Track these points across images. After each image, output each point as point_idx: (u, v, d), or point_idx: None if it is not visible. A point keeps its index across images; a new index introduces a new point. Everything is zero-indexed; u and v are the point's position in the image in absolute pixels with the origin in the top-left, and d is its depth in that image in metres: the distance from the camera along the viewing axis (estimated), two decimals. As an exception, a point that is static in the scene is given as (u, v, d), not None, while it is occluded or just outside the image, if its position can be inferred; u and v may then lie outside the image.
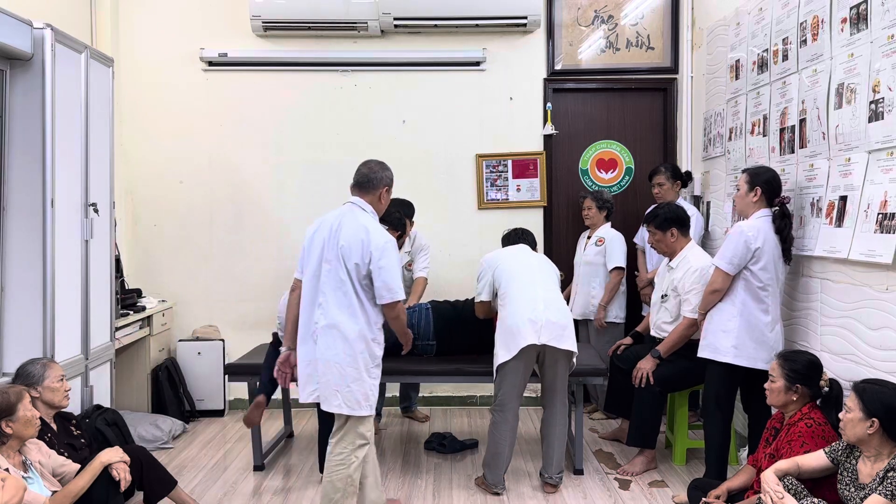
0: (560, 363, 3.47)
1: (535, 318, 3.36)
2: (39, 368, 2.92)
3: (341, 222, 2.92)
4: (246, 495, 3.60)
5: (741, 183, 3.35)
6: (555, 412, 3.53)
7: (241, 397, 4.99)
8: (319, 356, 2.87)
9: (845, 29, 3.01)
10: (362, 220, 2.92)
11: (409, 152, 5.10)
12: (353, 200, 3.01)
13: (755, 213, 3.28)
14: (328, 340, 2.86)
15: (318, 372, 2.88)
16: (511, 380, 3.44)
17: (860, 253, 2.81)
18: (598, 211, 4.69)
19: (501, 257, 3.64)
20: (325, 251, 2.91)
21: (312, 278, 2.93)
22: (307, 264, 2.98)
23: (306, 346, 2.94)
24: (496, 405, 3.49)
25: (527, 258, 3.66)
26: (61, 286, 3.36)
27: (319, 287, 2.90)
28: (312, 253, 2.96)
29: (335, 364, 2.85)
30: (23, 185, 3.24)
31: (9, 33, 3.03)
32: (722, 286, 3.30)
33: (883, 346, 2.73)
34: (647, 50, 5.11)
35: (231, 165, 5.10)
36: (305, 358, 2.94)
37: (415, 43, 5.06)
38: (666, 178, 4.48)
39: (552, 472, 3.54)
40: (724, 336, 3.27)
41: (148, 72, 5.04)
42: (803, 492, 2.41)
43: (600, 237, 4.65)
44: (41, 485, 2.56)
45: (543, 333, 3.35)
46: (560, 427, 3.53)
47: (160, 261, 5.11)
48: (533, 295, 3.44)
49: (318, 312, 2.89)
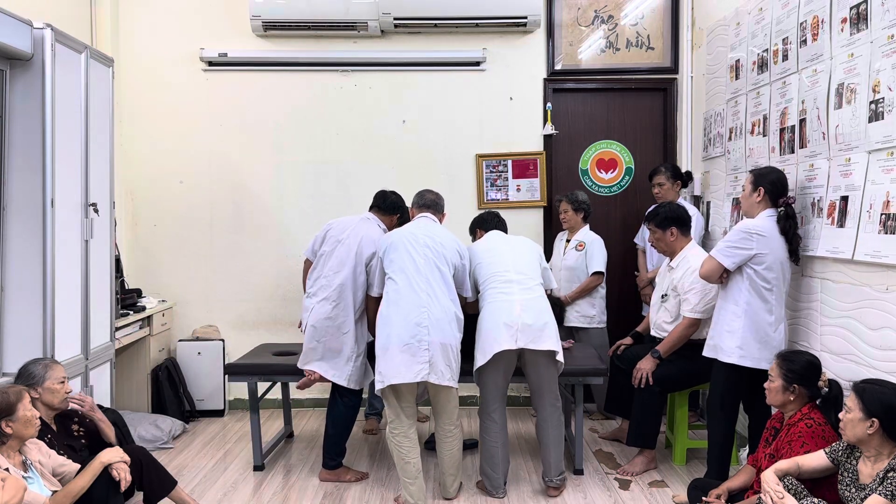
0: (542, 365, 3.42)
1: (511, 322, 3.32)
2: (41, 369, 2.91)
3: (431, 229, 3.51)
4: (246, 495, 3.60)
5: (746, 183, 3.35)
6: (546, 415, 3.50)
7: (241, 397, 4.99)
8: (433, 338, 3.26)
9: (845, 29, 3.01)
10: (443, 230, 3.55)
11: (409, 152, 5.10)
12: (427, 215, 3.62)
13: (760, 213, 3.28)
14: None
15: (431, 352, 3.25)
16: (491, 383, 3.44)
17: (865, 254, 2.80)
18: (575, 213, 4.65)
19: (477, 254, 3.58)
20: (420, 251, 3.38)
21: (416, 274, 3.34)
22: (402, 266, 3.36)
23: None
24: (481, 409, 3.50)
25: (502, 252, 3.55)
26: (61, 286, 3.36)
27: (425, 280, 3.33)
28: (405, 254, 3.39)
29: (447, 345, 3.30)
30: (23, 185, 3.24)
31: (9, 33, 3.04)
32: (708, 272, 3.27)
33: (883, 346, 2.73)
34: (647, 50, 5.11)
35: (231, 165, 5.10)
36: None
37: (415, 43, 5.06)
38: (666, 178, 4.48)
39: (552, 475, 3.52)
40: (728, 336, 3.26)
41: (148, 72, 5.05)
42: (803, 492, 2.41)
43: (580, 241, 4.61)
44: (41, 484, 2.56)
45: (521, 337, 3.31)
46: (554, 429, 3.50)
47: (160, 261, 5.11)
48: (509, 297, 3.39)
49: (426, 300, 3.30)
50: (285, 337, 4.86)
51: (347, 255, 3.65)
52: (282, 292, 5.12)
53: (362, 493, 3.61)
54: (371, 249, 3.61)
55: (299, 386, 3.75)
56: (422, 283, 3.31)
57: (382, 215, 3.85)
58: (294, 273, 5.05)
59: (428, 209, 3.64)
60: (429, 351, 3.23)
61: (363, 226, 3.75)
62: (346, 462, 3.84)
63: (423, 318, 3.25)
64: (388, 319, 3.31)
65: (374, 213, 3.86)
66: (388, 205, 3.88)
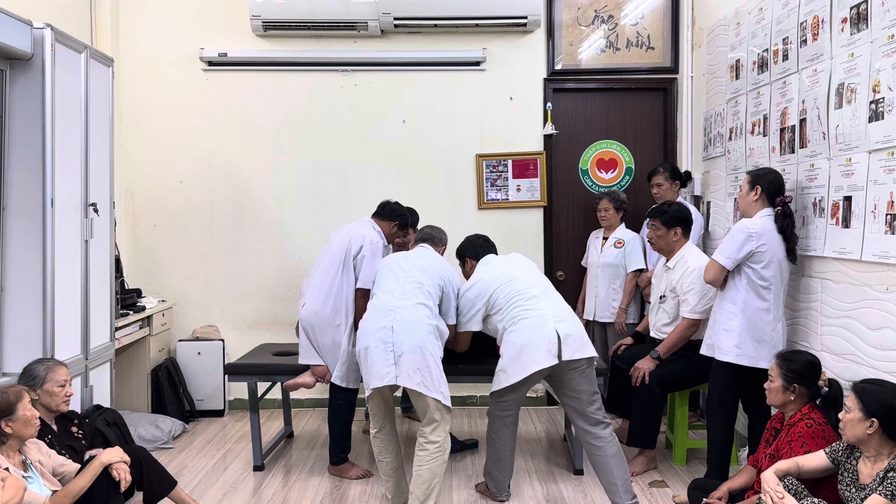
0: (587, 373, 3.26)
1: (549, 337, 3.18)
2: (43, 370, 2.89)
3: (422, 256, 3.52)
4: (246, 495, 3.60)
5: (743, 183, 3.36)
6: (599, 432, 3.25)
7: (241, 397, 4.99)
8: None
9: (845, 29, 3.01)
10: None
11: (409, 152, 5.10)
12: (424, 246, 3.64)
13: (758, 213, 3.28)
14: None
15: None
16: (515, 398, 3.37)
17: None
18: (616, 212, 4.66)
19: (488, 282, 3.38)
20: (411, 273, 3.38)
21: (394, 286, 3.35)
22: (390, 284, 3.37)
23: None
24: (498, 411, 3.40)
25: (511, 273, 3.41)
26: (61, 286, 3.36)
27: (401, 290, 3.32)
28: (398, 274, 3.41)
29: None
30: (23, 185, 3.24)
31: (9, 33, 3.03)
32: (714, 278, 3.28)
33: (883, 346, 2.72)
34: (647, 50, 5.11)
35: (231, 165, 5.10)
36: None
37: (415, 43, 5.06)
38: (665, 178, 4.48)
39: (625, 499, 3.22)
40: (726, 335, 3.27)
41: (148, 72, 5.05)
42: (803, 492, 2.41)
43: (619, 239, 4.62)
44: (41, 484, 2.56)
45: (566, 350, 3.17)
46: (615, 445, 3.25)
47: (160, 261, 5.11)
48: (539, 312, 3.26)
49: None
50: (285, 337, 4.85)
51: (338, 251, 3.75)
52: (282, 292, 5.11)
53: (362, 493, 3.61)
54: (359, 244, 3.70)
55: (287, 386, 3.81)
56: (396, 293, 3.29)
57: (381, 220, 3.92)
58: (294, 273, 5.06)
59: (425, 241, 3.67)
60: (394, 353, 3.13)
61: (357, 225, 3.86)
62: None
63: (389, 321, 3.19)
64: (362, 326, 3.31)
65: (374, 219, 3.93)
66: (387, 211, 3.93)
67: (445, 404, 3.16)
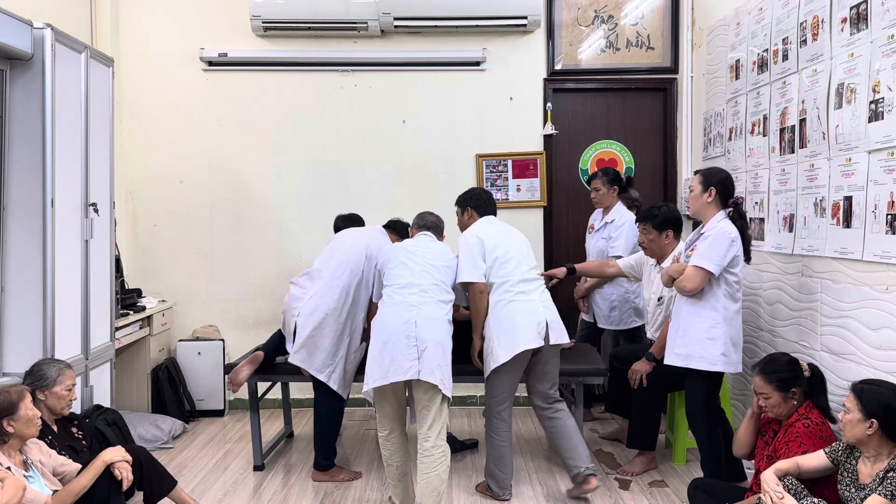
0: (554, 358, 3.47)
1: (539, 321, 3.35)
2: (54, 372, 2.89)
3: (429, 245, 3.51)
4: (246, 495, 3.60)
5: (695, 184, 3.27)
6: (560, 407, 3.46)
7: (241, 397, 4.99)
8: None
9: (845, 29, 3.01)
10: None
11: (409, 152, 5.11)
12: (427, 234, 3.60)
13: (715, 216, 3.21)
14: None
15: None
16: (506, 382, 3.40)
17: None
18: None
19: (482, 242, 3.44)
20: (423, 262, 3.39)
21: (411, 281, 3.33)
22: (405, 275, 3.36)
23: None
24: (489, 408, 3.43)
25: (509, 248, 3.48)
26: (61, 286, 3.36)
27: (419, 286, 3.31)
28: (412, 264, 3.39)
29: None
30: (23, 185, 3.24)
31: (9, 33, 3.03)
32: (698, 285, 3.14)
33: (883, 346, 2.73)
34: (647, 50, 5.11)
35: (231, 165, 5.10)
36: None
37: (415, 43, 5.06)
38: (602, 182, 4.40)
39: (587, 462, 3.39)
40: (710, 344, 3.18)
41: (148, 72, 5.05)
42: (803, 492, 2.41)
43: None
44: (42, 484, 2.56)
45: (552, 335, 3.36)
46: (571, 418, 3.48)
47: (160, 261, 5.11)
48: (529, 296, 3.41)
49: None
50: (285, 337, 4.85)
51: (354, 251, 3.72)
52: (282, 292, 5.09)
53: (362, 493, 3.61)
54: (386, 255, 3.55)
55: (232, 382, 3.76)
56: (415, 289, 3.29)
57: (393, 234, 3.94)
58: (294, 273, 5.02)
59: (428, 230, 3.63)
60: (417, 347, 3.13)
61: (374, 233, 3.89)
62: (347, 462, 3.84)
63: (413, 315, 3.18)
64: (380, 321, 3.25)
65: (387, 231, 3.97)
66: (398, 227, 4.02)
67: (449, 401, 3.26)
